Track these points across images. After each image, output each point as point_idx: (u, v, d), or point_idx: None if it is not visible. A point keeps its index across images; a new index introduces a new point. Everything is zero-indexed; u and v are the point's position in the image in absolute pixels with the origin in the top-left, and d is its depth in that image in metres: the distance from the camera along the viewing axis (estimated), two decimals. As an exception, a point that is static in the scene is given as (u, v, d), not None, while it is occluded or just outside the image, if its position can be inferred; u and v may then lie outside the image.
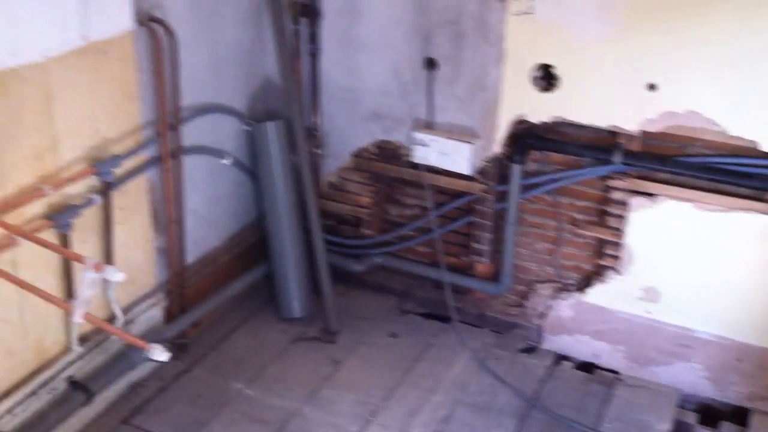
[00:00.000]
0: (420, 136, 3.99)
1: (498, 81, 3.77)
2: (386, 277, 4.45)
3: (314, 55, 4.21)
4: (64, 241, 3.11)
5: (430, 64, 3.93)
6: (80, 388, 3.27)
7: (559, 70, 3.62)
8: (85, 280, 2.69)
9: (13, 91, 2.81)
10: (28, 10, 2.79)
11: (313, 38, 4.18)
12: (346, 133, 4.30)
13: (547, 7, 3.54)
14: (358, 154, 4.30)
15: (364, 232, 4.44)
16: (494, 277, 4.14)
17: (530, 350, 4.06)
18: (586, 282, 3.97)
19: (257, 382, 3.77)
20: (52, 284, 3.12)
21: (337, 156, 4.37)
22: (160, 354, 2.66)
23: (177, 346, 3.86)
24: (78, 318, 2.67)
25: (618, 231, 3.78)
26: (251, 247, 4.34)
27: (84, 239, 3.25)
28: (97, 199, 3.26)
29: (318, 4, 4.11)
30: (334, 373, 3.86)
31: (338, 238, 4.45)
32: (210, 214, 4.07)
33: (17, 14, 2.75)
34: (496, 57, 3.74)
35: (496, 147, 3.88)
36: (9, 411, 3.02)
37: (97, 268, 2.69)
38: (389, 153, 4.21)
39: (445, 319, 4.21)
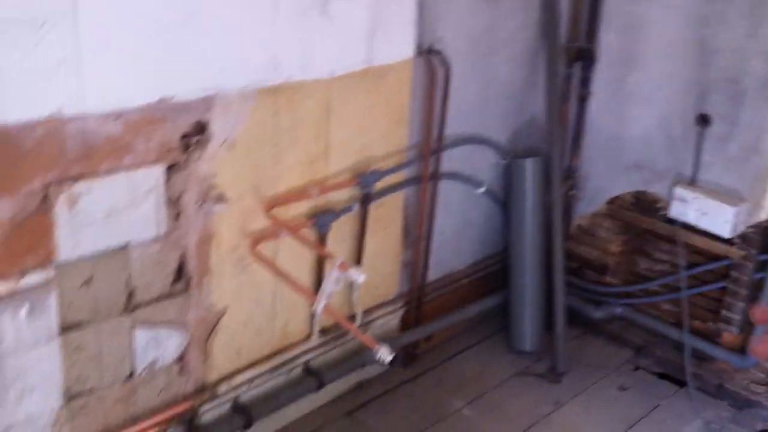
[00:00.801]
0: (681, 191, 3.89)
1: (776, 146, 3.60)
2: (624, 328, 4.36)
3: (583, 99, 4.27)
4: (321, 240, 3.43)
5: (703, 120, 3.83)
6: (313, 376, 3.57)
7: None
8: (331, 276, 2.99)
9: (298, 101, 3.16)
10: (321, 32, 3.14)
11: (585, 83, 4.24)
12: (604, 179, 4.30)
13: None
14: (613, 202, 4.28)
15: (608, 279, 4.39)
16: (742, 349, 3.91)
17: (769, 433, 3.81)
18: (841, 370, 3.65)
19: (476, 404, 3.88)
20: (303, 277, 3.44)
21: (592, 200, 4.37)
22: (385, 355, 2.88)
23: (407, 356, 4.09)
24: (319, 308, 2.96)
25: None
26: (491, 275, 4.46)
27: (339, 242, 3.55)
28: (356, 207, 3.55)
29: (595, 50, 4.17)
30: (553, 413, 3.86)
31: (581, 281, 4.45)
32: (457, 238, 4.26)
33: (311, 35, 3.10)
34: (777, 120, 3.58)
35: (764, 214, 3.68)
36: (249, 381, 3.37)
37: (343, 267, 2.97)
38: (645, 205, 4.14)
39: (680, 383, 4.05)
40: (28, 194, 2.46)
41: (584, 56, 4.20)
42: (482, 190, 4.14)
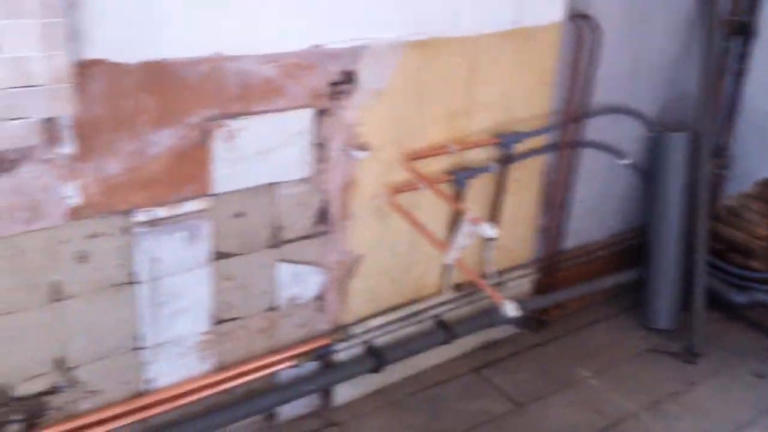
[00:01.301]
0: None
1: None
2: (764, 315, 4.22)
3: (739, 75, 4.15)
4: (458, 197, 3.52)
5: None
6: (444, 329, 3.67)
7: None
8: (463, 229, 3.08)
9: (444, 57, 3.25)
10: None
11: (743, 58, 4.12)
12: (757, 159, 4.17)
13: None
14: (765, 183, 4.13)
15: (754, 264, 4.25)
16: None
17: None
18: None
19: (604, 375, 3.87)
20: (438, 231, 3.54)
21: (742, 180, 4.25)
22: (511, 309, 2.95)
23: (538, 321, 4.13)
24: (450, 259, 3.06)
25: None
26: (630, 248, 4.42)
27: (475, 201, 3.62)
28: (495, 167, 3.62)
29: (756, 23, 4.03)
30: (684, 392, 3.80)
31: (724, 264, 4.33)
32: (596, 208, 4.24)
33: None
34: None
35: None
36: (381, 327, 3.52)
37: (475, 221, 3.06)
38: (800, 188, 4.00)
39: (823, 375, 3.91)
40: (189, 126, 2.69)
41: (744, 30, 4.07)
42: (626, 161, 4.09)
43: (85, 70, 2.37)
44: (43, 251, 2.53)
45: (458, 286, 3.77)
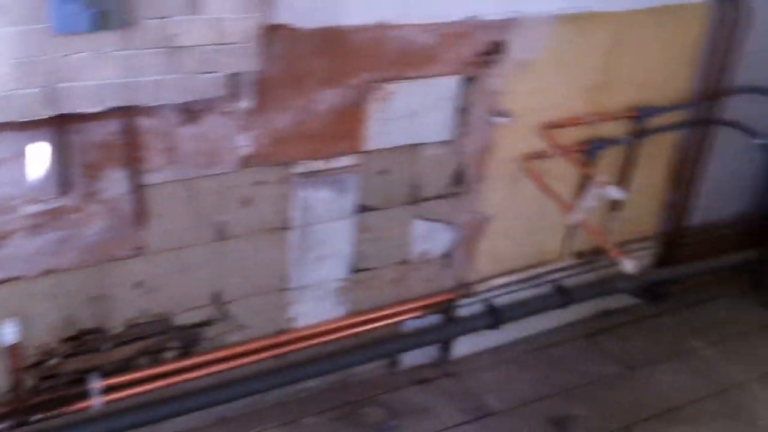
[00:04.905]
0: None
1: None
2: None
3: None
4: (590, 166, 3.60)
5: None
6: (562, 293, 3.77)
7: None
8: (591, 191, 3.19)
9: (590, 31, 3.32)
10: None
11: None
12: None
13: None
14: None
15: None
16: None
17: None
18: None
19: (717, 347, 3.94)
20: (566, 197, 3.63)
21: None
22: (630, 266, 3.06)
23: (656, 294, 4.20)
24: (574, 220, 3.18)
25: None
26: (756, 229, 4.40)
27: (606, 171, 3.69)
28: (629, 140, 3.68)
29: None
30: (798, 369, 3.86)
31: None
32: (726, 186, 4.24)
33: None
34: None
35: None
36: (502, 287, 3.67)
37: (603, 184, 3.16)
38: None
39: None
40: (351, 87, 2.87)
41: None
42: (761, 141, 4.06)
43: (271, 32, 2.57)
44: (215, 194, 2.78)
45: (579, 254, 3.87)
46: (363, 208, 3.16)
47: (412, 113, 3.05)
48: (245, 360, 3.13)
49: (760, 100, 4.01)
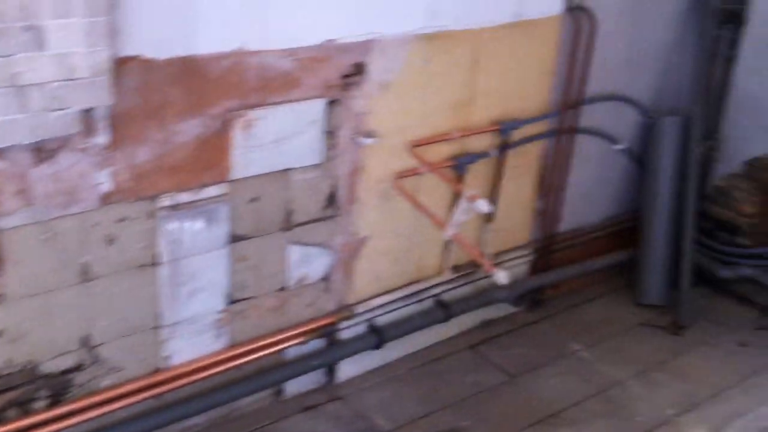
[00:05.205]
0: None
1: None
2: (752, 289, 4.42)
3: (730, 60, 4.29)
4: (459, 181, 3.67)
5: None
6: (443, 307, 3.83)
7: None
8: (461, 206, 3.25)
9: (449, 50, 3.39)
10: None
11: (733, 44, 4.26)
12: (745, 140, 4.34)
13: None
14: (752, 163, 4.31)
15: (740, 241, 4.43)
16: None
17: None
18: None
19: (595, 348, 4.07)
20: (439, 212, 3.65)
21: (730, 161, 4.42)
22: (502, 277, 3.13)
23: (534, 300, 4.31)
24: (448, 235, 3.24)
25: None
26: (624, 231, 4.58)
27: (475, 185, 3.76)
28: (495, 153, 3.76)
29: (745, 11, 4.18)
30: (670, 361, 4.01)
31: (712, 241, 4.51)
32: (592, 192, 4.41)
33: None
34: None
35: None
36: (385, 306, 3.68)
37: (472, 198, 3.23)
38: (784, 167, 4.18)
39: (803, 345, 4.12)
40: (212, 117, 2.83)
41: (734, 17, 4.21)
42: (621, 146, 4.24)
43: (122, 65, 2.51)
44: (77, 234, 2.68)
45: (457, 267, 3.93)
46: (236, 238, 3.10)
47: (279, 139, 3.03)
48: (121, 403, 3.01)
49: (617, 107, 4.21)
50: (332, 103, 3.12)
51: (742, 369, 3.96)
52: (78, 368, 2.90)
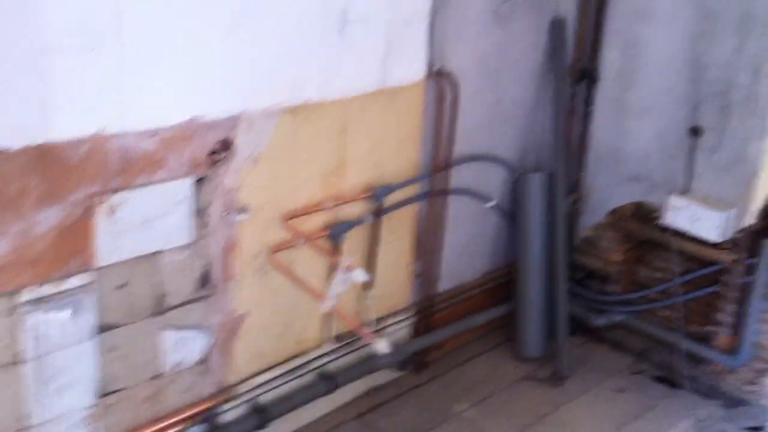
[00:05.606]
0: (675, 200, 4.09)
1: (759, 154, 3.81)
2: (625, 335, 4.55)
3: (587, 116, 4.48)
4: (336, 250, 3.64)
5: (695, 132, 4.04)
6: (327, 379, 3.76)
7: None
8: (338, 277, 3.22)
9: (316, 120, 3.39)
10: (339, 55, 3.36)
11: (588, 100, 4.45)
12: (606, 191, 4.51)
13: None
14: (615, 213, 4.48)
15: (611, 288, 4.59)
16: (733, 350, 4.10)
17: (757, 430, 3.98)
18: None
19: (480, 406, 4.08)
20: (318, 284, 3.62)
21: (595, 212, 4.58)
22: (382, 347, 3.11)
23: (418, 363, 4.29)
24: (326, 308, 3.20)
25: None
26: (501, 285, 4.66)
27: (353, 252, 3.74)
28: (370, 219, 3.76)
29: (597, 69, 4.39)
30: (552, 413, 4.07)
31: (584, 290, 4.64)
32: (467, 250, 4.46)
33: (330, 58, 3.33)
34: (761, 130, 3.79)
35: (750, 219, 3.89)
36: (267, 383, 3.58)
37: (348, 268, 3.20)
38: (644, 214, 4.34)
39: (676, 385, 4.26)
40: (73, 203, 2.70)
41: (588, 76, 4.41)
42: (491, 204, 4.34)
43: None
44: (-74, 340, 2.47)
45: (339, 337, 3.88)
46: (105, 327, 2.95)
47: (146, 221, 2.92)
48: None
49: (485, 165, 4.30)
50: (200, 180, 3.05)
51: (622, 416, 4.06)
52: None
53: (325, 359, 3.81)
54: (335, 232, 3.61)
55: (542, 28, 4.34)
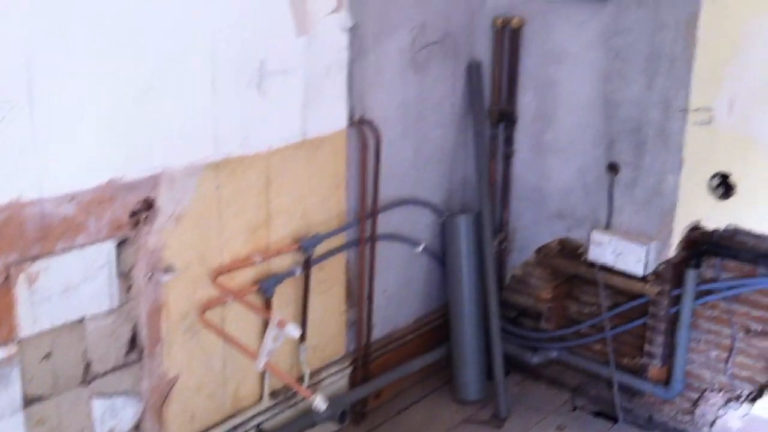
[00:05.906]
0: (598, 235, 4.18)
1: (675, 187, 3.93)
2: (560, 371, 4.59)
3: (508, 156, 4.56)
4: (267, 304, 3.60)
5: (612, 168, 4.15)
6: (268, 437, 3.71)
7: (736, 179, 3.72)
8: (270, 334, 3.18)
9: (240, 174, 3.37)
10: (258, 108, 3.37)
11: (508, 141, 4.54)
12: (532, 229, 4.58)
13: (725, 116, 3.70)
14: (541, 250, 4.55)
15: (543, 325, 4.63)
16: (666, 381, 4.17)
17: (695, 458, 4.06)
18: (758, 394, 3.92)
19: (422, 454, 4.07)
20: (250, 341, 3.58)
21: (522, 251, 4.64)
22: (320, 402, 3.07)
23: (357, 414, 4.24)
24: (260, 365, 3.14)
25: (796, 347, 3.73)
26: (436, 329, 4.67)
27: (284, 305, 3.72)
28: (299, 271, 3.74)
29: (515, 110, 4.49)
30: (495, 456, 4.07)
31: (518, 329, 4.67)
32: (399, 295, 4.47)
33: (249, 112, 3.34)
34: (675, 164, 3.91)
35: (671, 251, 4.00)
36: (205, 447, 3.50)
37: (281, 324, 3.16)
38: (569, 251, 4.42)
39: (614, 418, 4.30)
40: (-10, 274, 2.61)
41: (506, 117, 4.50)
42: (420, 248, 4.36)
43: None
44: None
45: (275, 393, 3.81)
46: (31, 400, 2.84)
47: (68, 288, 2.85)
48: None
49: (412, 209, 4.33)
50: (123, 242, 2.99)
51: (563, 453, 4.10)
52: None
53: (262, 417, 3.74)
54: (265, 287, 3.57)
55: (459, 73, 4.43)
